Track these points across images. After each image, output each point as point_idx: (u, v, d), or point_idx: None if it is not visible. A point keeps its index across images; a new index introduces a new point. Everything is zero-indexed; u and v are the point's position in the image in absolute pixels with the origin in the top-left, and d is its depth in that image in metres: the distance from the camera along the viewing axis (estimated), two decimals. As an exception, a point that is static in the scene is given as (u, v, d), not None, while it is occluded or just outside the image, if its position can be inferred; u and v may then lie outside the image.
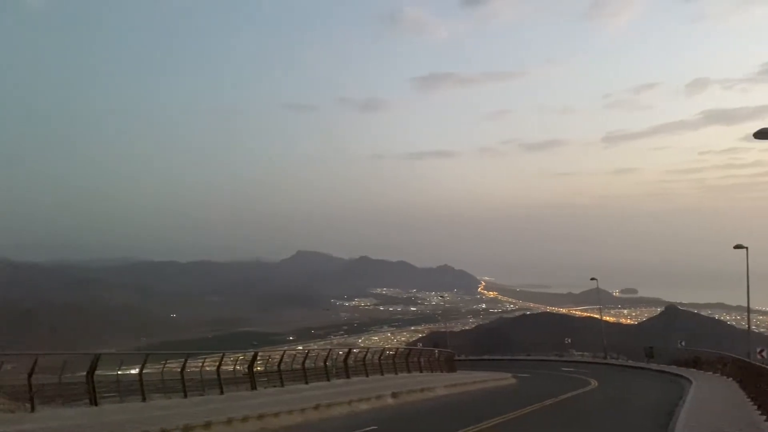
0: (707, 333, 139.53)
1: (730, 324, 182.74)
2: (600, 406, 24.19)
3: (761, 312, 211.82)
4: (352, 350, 32.03)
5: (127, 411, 16.51)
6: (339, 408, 20.04)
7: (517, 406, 21.23)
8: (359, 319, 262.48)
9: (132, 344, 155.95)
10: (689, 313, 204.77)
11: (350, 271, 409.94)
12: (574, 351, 66.25)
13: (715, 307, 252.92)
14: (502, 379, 35.46)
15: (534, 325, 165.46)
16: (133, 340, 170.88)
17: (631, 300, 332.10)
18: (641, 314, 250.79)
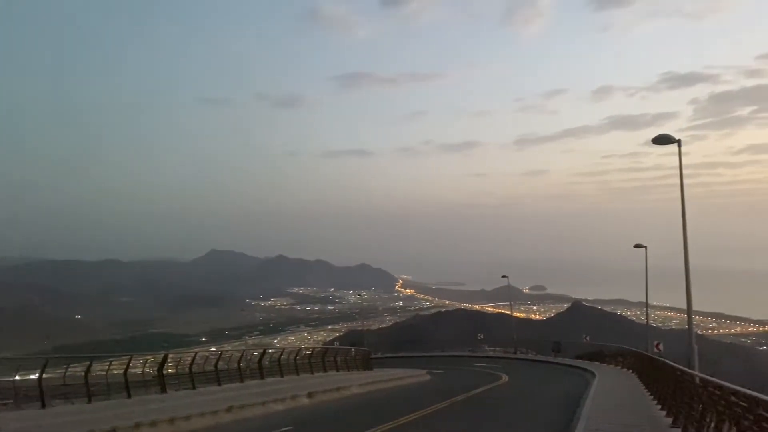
0: (610, 328, 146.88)
1: (630, 319, 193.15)
2: (510, 399, 24.97)
3: (659, 307, 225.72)
4: (267, 350, 31.55)
5: (24, 419, 15.55)
6: (253, 409, 19.70)
7: (430, 402, 21.60)
8: (275, 319, 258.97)
9: (32, 348, 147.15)
10: (594, 309, 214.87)
11: (266, 271, 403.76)
12: (487, 346, 68.11)
13: (617, 303, 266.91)
14: (417, 376, 35.96)
15: (449, 322, 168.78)
16: (33, 344, 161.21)
17: (540, 296, 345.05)
18: (549, 310, 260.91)
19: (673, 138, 19.41)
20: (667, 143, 19.43)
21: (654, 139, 19.45)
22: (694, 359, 18.73)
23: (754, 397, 7.63)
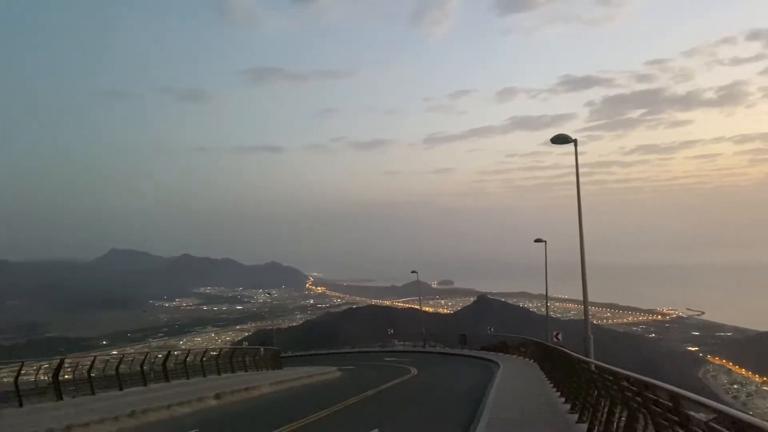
0: (514, 319, 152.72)
1: (532, 310, 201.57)
2: (418, 391, 25.43)
3: (559, 299, 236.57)
4: (171, 352, 30.55)
5: None
6: (157, 413, 19.02)
7: (340, 398, 21.65)
8: (181, 321, 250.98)
9: None
10: (498, 302, 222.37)
11: (171, 270, 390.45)
12: (397, 341, 68.99)
13: (520, 296, 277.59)
14: (327, 373, 35.91)
15: (360, 319, 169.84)
16: None
17: (448, 291, 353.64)
18: (457, 304, 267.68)
19: (570, 138, 20.43)
20: (564, 143, 20.42)
21: (552, 138, 20.40)
22: (590, 347, 19.78)
23: (642, 381, 8.18)
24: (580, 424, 13.71)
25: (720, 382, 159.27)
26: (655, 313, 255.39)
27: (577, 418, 14.52)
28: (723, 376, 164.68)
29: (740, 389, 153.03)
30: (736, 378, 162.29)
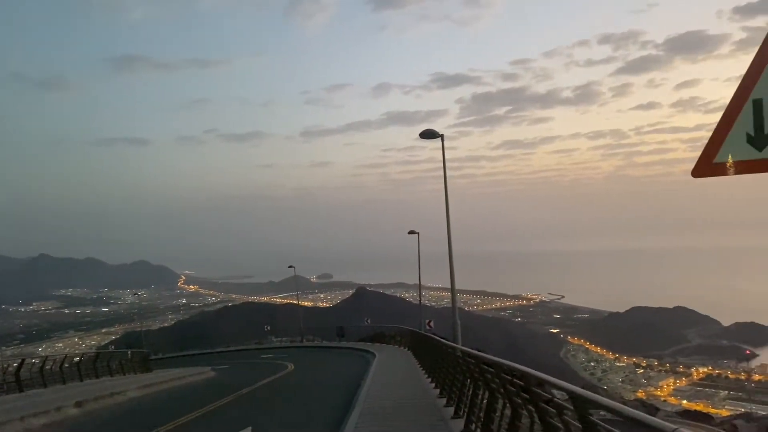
0: (391, 310, 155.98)
1: (409, 300, 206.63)
2: (294, 386, 25.35)
3: (433, 288, 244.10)
4: (26, 360, 28.27)
5: None
6: (7, 427, 17.54)
7: (212, 398, 21.11)
8: (39, 325, 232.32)
9: None
10: (376, 293, 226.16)
11: (26, 272, 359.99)
12: (274, 338, 68.25)
13: (397, 287, 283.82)
14: (199, 374, 34.82)
15: (236, 316, 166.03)
16: None
17: (327, 284, 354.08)
18: (336, 297, 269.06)
19: (437, 133, 21.15)
20: (432, 138, 21.12)
21: (421, 133, 21.04)
22: (457, 333, 20.66)
23: (498, 363, 8.69)
24: (448, 407, 14.30)
25: (579, 361, 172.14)
26: (521, 298, 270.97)
27: (445, 401, 15.14)
28: (581, 355, 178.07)
29: (596, 366, 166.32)
30: (593, 356, 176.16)
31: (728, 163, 3.94)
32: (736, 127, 3.91)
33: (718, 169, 3.98)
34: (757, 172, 3.83)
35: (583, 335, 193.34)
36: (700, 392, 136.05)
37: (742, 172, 3.90)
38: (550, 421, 6.31)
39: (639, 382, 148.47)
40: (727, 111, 3.96)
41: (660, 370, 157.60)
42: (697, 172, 4.05)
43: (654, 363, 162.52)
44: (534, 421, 7.24)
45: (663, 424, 3.25)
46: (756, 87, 3.85)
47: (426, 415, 14.16)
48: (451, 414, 13.42)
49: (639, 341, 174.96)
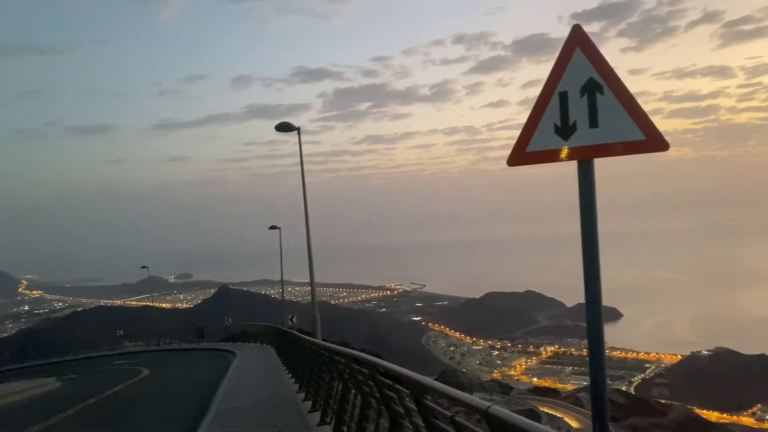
0: (256, 307, 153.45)
1: (274, 297, 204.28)
2: (149, 392, 24.15)
3: (298, 284, 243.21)
4: None
5: None
6: None
7: (55, 411, 19.52)
8: None
9: None
10: (240, 291, 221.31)
11: None
12: (128, 342, 64.58)
13: (261, 284, 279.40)
14: (42, 386, 32.03)
15: (87, 322, 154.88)
16: None
17: (187, 284, 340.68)
18: (197, 297, 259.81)
19: (293, 126, 20.94)
20: (288, 131, 20.88)
21: (277, 126, 20.72)
22: (317, 327, 20.65)
23: (348, 353, 8.77)
24: (307, 402, 14.25)
25: (440, 346, 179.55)
26: (385, 289, 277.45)
27: (304, 396, 15.08)
28: (442, 341, 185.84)
29: (456, 350, 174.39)
30: (453, 341, 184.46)
31: (539, 152, 4.21)
32: (545, 119, 4.18)
33: (531, 157, 4.24)
34: (564, 160, 4.12)
35: (444, 321, 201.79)
36: (549, 369, 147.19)
37: (552, 161, 4.18)
38: (394, 407, 6.45)
39: (494, 363, 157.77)
40: (537, 103, 4.23)
41: (513, 351, 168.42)
42: (512, 161, 4.30)
43: (507, 345, 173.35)
44: (381, 409, 7.39)
45: (479, 402, 3.40)
46: (562, 80, 4.13)
47: (284, 411, 14.02)
48: (309, 408, 13.39)
49: (494, 325, 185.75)
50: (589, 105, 4.05)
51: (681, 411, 75.32)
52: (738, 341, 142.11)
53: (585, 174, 4.08)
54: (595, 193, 4.08)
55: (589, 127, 4.05)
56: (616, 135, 3.99)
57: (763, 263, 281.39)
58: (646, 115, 3.96)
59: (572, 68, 4.09)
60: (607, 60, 4.05)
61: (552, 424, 58.00)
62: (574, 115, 4.09)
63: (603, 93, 4.02)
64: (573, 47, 4.11)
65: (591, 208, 4.03)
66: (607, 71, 4.04)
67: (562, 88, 4.12)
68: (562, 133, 4.11)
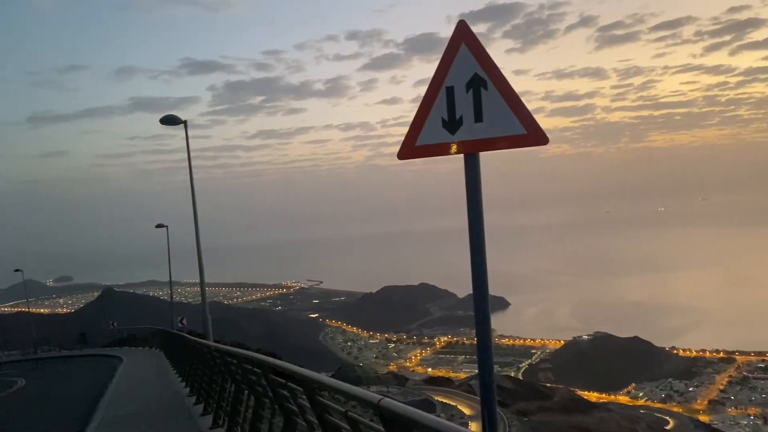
0: (144, 311, 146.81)
1: (163, 299, 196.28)
2: (25, 403, 22.50)
3: (189, 284, 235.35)
4: None
5: None
6: None
7: None
8: None
9: None
10: (126, 294, 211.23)
11: None
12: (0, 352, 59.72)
13: (149, 285, 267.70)
14: None
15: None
16: None
17: (67, 288, 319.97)
18: (79, 301, 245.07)
19: (180, 119, 20.15)
20: (173, 124, 20.06)
21: (162, 119, 19.85)
22: (208, 328, 20.04)
23: (240, 354, 8.57)
24: (198, 405, 13.80)
25: (337, 342, 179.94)
26: (281, 287, 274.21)
27: (195, 399, 14.60)
28: (339, 336, 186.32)
29: (353, 345, 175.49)
30: (350, 336, 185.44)
31: (428, 146, 4.27)
32: (433, 113, 4.24)
33: (420, 151, 4.29)
34: (451, 154, 4.20)
35: (341, 317, 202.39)
36: (442, 359, 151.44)
37: (440, 154, 4.25)
38: (288, 405, 6.36)
39: (391, 356, 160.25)
40: (425, 98, 4.28)
41: (408, 342, 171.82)
42: (402, 155, 4.34)
43: (403, 337, 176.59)
44: (275, 408, 7.28)
45: (371, 396, 3.40)
46: (448, 75, 4.21)
47: (174, 417, 13.52)
48: (200, 412, 12.97)
49: (390, 318, 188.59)
50: (474, 100, 4.14)
51: (564, 393, 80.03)
52: (614, 325, 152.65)
53: (471, 167, 4.17)
54: (481, 186, 4.19)
55: (474, 122, 4.14)
56: (499, 129, 4.11)
57: (634, 252, 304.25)
58: (527, 110, 4.11)
59: (458, 64, 4.18)
60: (490, 56, 4.16)
61: (446, 412, 59.72)
62: (461, 109, 4.17)
63: (487, 88, 4.12)
64: (459, 43, 4.19)
65: (477, 201, 4.14)
66: (491, 67, 4.15)
67: (449, 83, 4.20)
68: (450, 128, 4.19)
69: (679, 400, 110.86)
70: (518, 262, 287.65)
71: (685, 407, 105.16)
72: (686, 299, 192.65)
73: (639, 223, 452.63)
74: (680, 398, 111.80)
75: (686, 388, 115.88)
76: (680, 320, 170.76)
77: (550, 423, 59.29)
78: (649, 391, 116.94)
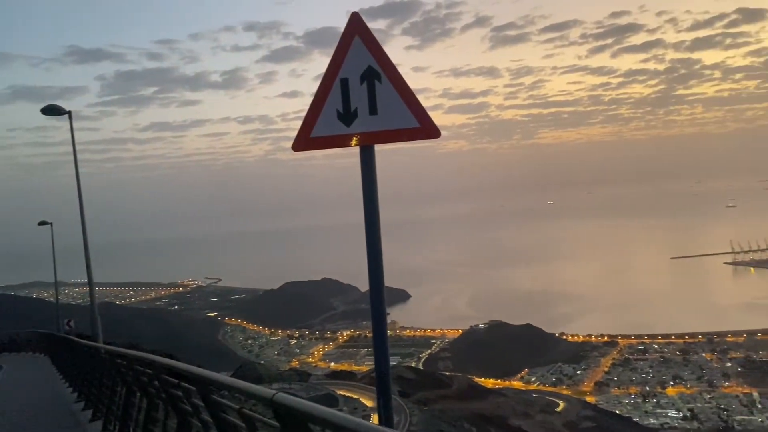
0: (28, 314, 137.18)
1: (48, 300, 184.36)
2: None
3: (77, 284, 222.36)
4: None
5: None
6: None
7: None
8: None
9: None
10: (6, 296, 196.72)
11: None
12: None
13: (32, 287, 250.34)
14: None
15: None
16: None
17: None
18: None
19: (63, 109, 18.97)
20: (56, 114, 18.88)
21: (43, 109, 18.63)
22: (98, 330, 19.07)
23: (131, 355, 8.22)
24: (87, 411, 13.13)
25: (237, 341, 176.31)
26: (177, 286, 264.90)
27: (84, 405, 13.86)
28: (239, 335, 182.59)
29: (254, 343, 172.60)
30: (250, 334, 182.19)
31: (323, 137, 4.26)
32: (328, 104, 4.24)
33: (315, 143, 4.27)
34: (347, 146, 4.22)
35: (241, 315, 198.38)
36: (345, 353, 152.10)
37: (335, 146, 4.26)
38: (182, 406, 6.17)
39: (293, 352, 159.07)
40: (319, 89, 4.26)
41: (311, 338, 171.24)
42: (297, 146, 4.30)
43: (306, 333, 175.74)
44: (168, 409, 7.04)
45: (264, 391, 3.36)
46: (342, 67, 4.21)
47: (60, 424, 12.77)
48: (89, 418, 12.32)
49: (292, 314, 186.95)
50: (368, 92, 4.18)
51: (463, 381, 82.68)
52: (508, 314, 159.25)
53: (366, 160, 4.21)
54: (377, 179, 4.23)
55: (369, 114, 4.18)
56: (393, 122, 4.17)
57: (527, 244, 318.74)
58: (419, 103, 4.19)
59: (352, 56, 4.19)
60: (384, 50, 4.21)
61: (348, 406, 60.01)
62: (355, 101, 4.20)
63: (381, 81, 4.17)
64: (352, 35, 4.20)
65: (373, 193, 4.18)
66: (385, 60, 4.20)
67: (344, 75, 4.21)
68: (345, 120, 4.20)
69: (568, 383, 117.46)
70: (418, 254, 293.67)
71: (574, 389, 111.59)
72: (573, 287, 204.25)
73: (531, 216, 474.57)
74: (569, 381, 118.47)
75: (574, 372, 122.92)
76: (568, 307, 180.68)
77: (450, 410, 61.05)
78: (541, 375, 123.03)
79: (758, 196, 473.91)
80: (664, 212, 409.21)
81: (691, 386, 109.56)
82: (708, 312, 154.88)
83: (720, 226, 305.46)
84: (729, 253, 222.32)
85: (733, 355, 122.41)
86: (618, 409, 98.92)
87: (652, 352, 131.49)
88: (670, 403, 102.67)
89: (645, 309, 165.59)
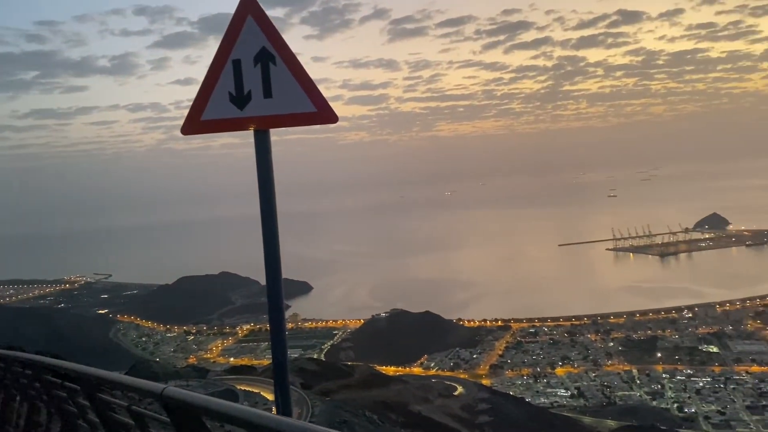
0: None
1: None
2: None
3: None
4: None
5: None
6: None
7: None
8: None
9: None
10: None
11: None
12: None
13: None
14: None
15: None
16: None
17: None
18: None
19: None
20: None
21: None
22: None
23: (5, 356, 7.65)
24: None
25: (130, 338, 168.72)
26: (63, 283, 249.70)
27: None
28: (133, 332, 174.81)
29: (148, 341, 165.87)
30: (144, 331, 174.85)
31: (214, 120, 4.09)
32: (219, 86, 4.07)
33: (206, 126, 4.10)
34: (240, 129, 4.08)
35: (134, 312, 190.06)
36: (245, 347, 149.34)
37: (227, 130, 4.11)
38: (67, 407, 5.80)
39: (190, 348, 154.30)
40: (210, 70, 4.09)
41: (209, 333, 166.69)
42: (186, 130, 4.12)
43: (203, 328, 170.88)
44: (51, 411, 6.60)
45: (153, 386, 3.21)
46: (234, 48, 4.06)
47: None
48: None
49: (189, 309, 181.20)
50: (263, 75, 4.05)
51: (364, 370, 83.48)
52: (409, 302, 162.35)
53: (261, 144, 4.09)
54: (272, 165, 4.12)
55: (263, 97, 4.05)
56: (289, 106, 4.06)
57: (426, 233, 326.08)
58: (316, 87, 4.10)
59: (244, 36, 4.05)
60: (278, 31, 4.09)
61: (249, 400, 59.02)
62: (249, 84, 4.06)
63: (276, 63, 4.05)
64: (245, 15, 4.06)
65: (269, 180, 4.07)
66: (279, 42, 4.07)
67: (236, 56, 4.06)
68: (238, 102, 4.05)
69: (465, 367, 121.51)
70: (320, 246, 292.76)
71: (471, 373, 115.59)
72: (469, 275, 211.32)
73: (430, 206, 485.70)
74: (466, 365, 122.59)
75: (471, 356, 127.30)
76: (465, 294, 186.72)
77: (352, 400, 61.46)
78: (440, 360, 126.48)
79: (637, 186, 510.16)
80: (552, 202, 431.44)
81: (578, 366, 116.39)
82: (592, 295, 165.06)
83: (602, 214, 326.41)
84: (610, 240, 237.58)
85: (615, 335, 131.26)
86: (512, 390, 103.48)
87: (542, 335, 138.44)
88: (559, 383, 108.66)
89: (535, 294, 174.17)
